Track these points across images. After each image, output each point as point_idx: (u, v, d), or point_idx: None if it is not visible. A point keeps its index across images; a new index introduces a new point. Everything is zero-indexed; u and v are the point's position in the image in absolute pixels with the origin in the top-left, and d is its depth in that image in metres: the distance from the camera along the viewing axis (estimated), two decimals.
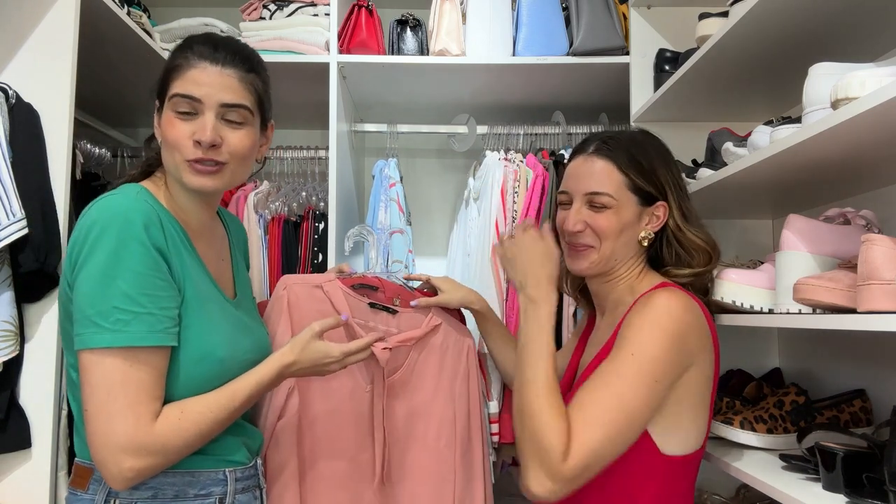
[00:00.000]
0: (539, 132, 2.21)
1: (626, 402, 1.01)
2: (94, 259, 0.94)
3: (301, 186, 2.23)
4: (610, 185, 1.19)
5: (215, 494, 1.06)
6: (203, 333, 1.03)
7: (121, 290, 0.93)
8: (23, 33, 1.40)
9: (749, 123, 1.58)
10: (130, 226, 0.96)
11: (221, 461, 1.08)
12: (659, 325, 1.05)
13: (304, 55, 1.98)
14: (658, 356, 1.04)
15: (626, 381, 1.02)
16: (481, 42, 2.02)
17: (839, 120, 0.93)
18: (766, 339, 1.89)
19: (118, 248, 0.94)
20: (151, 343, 0.94)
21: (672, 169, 1.23)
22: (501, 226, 2.01)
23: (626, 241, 1.20)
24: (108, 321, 0.92)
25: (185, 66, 1.05)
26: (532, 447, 1.01)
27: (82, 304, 0.94)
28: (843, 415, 1.41)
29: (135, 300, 0.93)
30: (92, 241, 0.95)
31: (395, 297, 1.45)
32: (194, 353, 1.01)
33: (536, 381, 1.06)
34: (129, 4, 1.79)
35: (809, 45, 1.36)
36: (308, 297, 1.37)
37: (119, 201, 0.99)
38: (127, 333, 0.92)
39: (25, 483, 1.32)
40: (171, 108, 1.04)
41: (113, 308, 0.92)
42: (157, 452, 0.94)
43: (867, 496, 0.99)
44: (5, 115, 1.31)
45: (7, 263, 1.29)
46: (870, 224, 1.21)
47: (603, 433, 1.00)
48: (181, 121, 1.04)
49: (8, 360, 1.28)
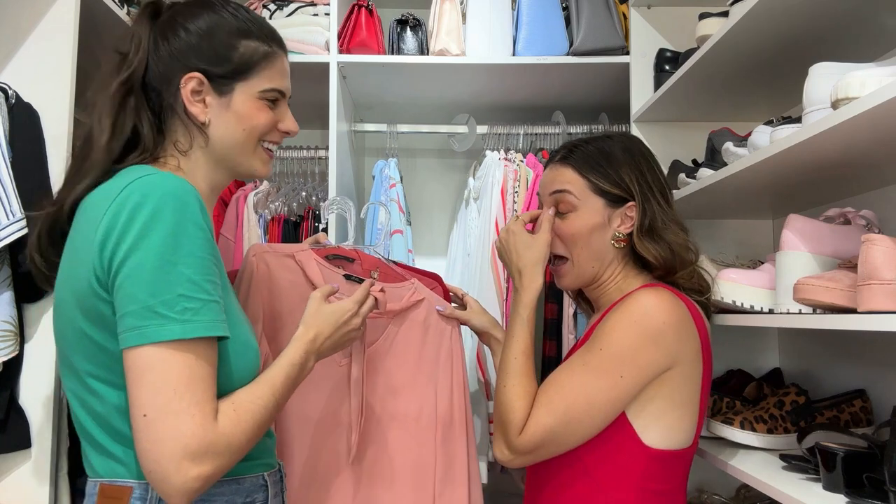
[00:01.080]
0: (539, 132, 2.21)
1: (587, 392, 1.06)
2: (148, 243, 0.82)
3: (301, 186, 2.23)
4: (571, 186, 1.21)
5: (258, 501, 1.00)
6: (240, 322, 0.97)
7: (185, 275, 0.82)
8: (23, 33, 1.40)
9: (749, 123, 1.58)
10: (186, 207, 0.85)
11: (260, 465, 1.02)
12: (633, 321, 1.07)
13: (304, 55, 1.98)
14: (626, 353, 1.06)
15: (590, 373, 1.07)
16: (481, 42, 2.02)
17: (839, 120, 0.93)
18: (766, 339, 1.89)
19: (176, 230, 0.83)
20: (219, 333, 0.86)
21: (643, 169, 1.21)
22: (501, 225, 2.01)
23: (599, 244, 1.19)
24: (175, 311, 0.81)
25: (272, 57, 1.03)
26: (497, 419, 1.13)
27: (138, 294, 0.81)
28: (843, 415, 1.41)
29: (201, 286, 0.84)
30: (143, 223, 0.82)
31: (374, 269, 1.39)
32: (240, 342, 0.94)
33: (508, 362, 1.16)
34: (129, 4, 1.79)
35: (809, 45, 1.36)
36: (280, 267, 1.31)
37: (165, 181, 0.87)
38: (197, 323, 0.82)
39: (25, 483, 1.32)
40: (261, 97, 1.02)
41: (179, 296, 0.81)
42: (222, 452, 0.84)
43: (867, 496, 0.99)
44: (5, 115, 1.31)
45: (7, 263, 1.29)
46: (870, 224, 1.21)
47: (558, 417, 1.06)
48: (269, 109, 1.03)
49: (8, 360, 1.28)
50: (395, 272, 1.42)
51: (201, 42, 0.98)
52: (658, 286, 1.14)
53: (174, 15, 1.01)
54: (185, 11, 1.01)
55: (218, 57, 0.98)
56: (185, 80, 0.97)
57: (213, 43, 0.98)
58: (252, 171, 1.05)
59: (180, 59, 0.97)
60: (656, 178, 1.22)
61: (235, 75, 0.99)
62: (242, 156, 1.03)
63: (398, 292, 1.39)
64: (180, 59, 0.97)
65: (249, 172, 1.05)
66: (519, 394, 1.11)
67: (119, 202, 0.84)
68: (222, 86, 0.99)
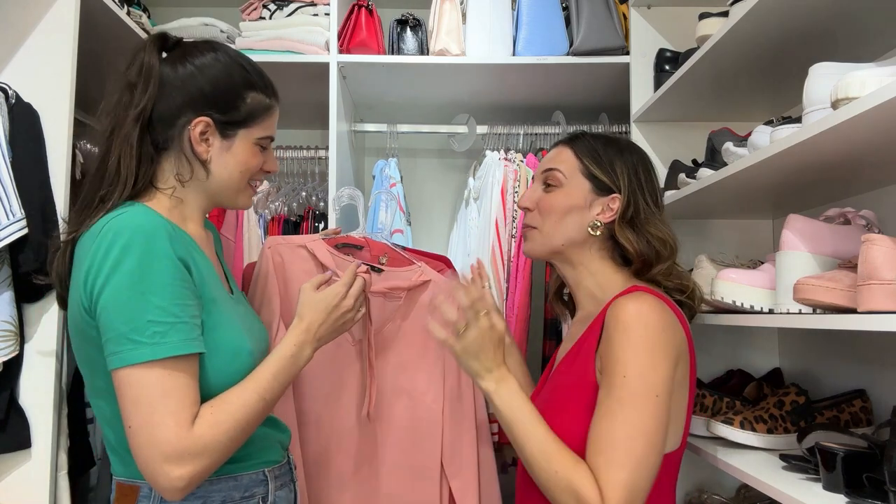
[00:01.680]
0: (539, 132, 2.21)
1: (638, 427, 1.01)
2: (119, 276, 0.93)
3: (301, 186, 2.24)
4: (563, 165, 1.22)
5: (258, 495, 1.08)
6: (231, 331, 1.05)
7: (153, 303, 0.93)
8: (23, 33, 1.40)
9: (749, 123, 1.58)
10: (153, 239, 0.96)
11: (260, 462, 1.09)
12: (638, 339, 1.05)
13: (304, 55, 1.98)
14: (648, 372, 1.03)
15: (630, 406, 1.02)
16: (481, 42, 2.02)
17: (839, 120, 0.93)
18: (766, 339, 1.89)
19: (143, 262, 0.94)
20: (188, 351, 0.95)
21: (637, 169, 1.21)
22: (501, 225, 2.01)
23: (573, 224, 1.19)
24: (145, 336, 0.92)
25: (272, 110, 1.14)
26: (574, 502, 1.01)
27: (114, 323, 0.93)
28: (843, 415, 1.41)
29: (168, 311, 0.94)
30: (114, 258, 0.93)
31: (382, 255, 1.45)
32: (228, 350, 1.03)
33: (541, 451, 1.06)
34: (129, 4, 1.79)
35: (809, 45, 1.36)
36: (292, 257, 1.41)
37: (133, 217, 0.98)
38: (165, 345, 0.93)
39: (25, 483, 1.32)
40: (257, 143, 1.12)
41: (148, 322, 0.92)
42: (200, 454, 0.93)
43: (867, 496, 0.99)
44: (5, 115, 1.31)
45: (7, 263, 1.29)
46: (870, 224, 1.21)
47: (630, 467, 1.00)
48: (261, 153, 1.14)
49: (8, 360, 1.28)
50: (403, 257, 1.48)
51: (214, 89, 1.07)
52: (640, 290, 1.13)
53: (185, 55, 1.08)
54: (196, 54, 1.08)
55: (227, 105, 1.08)
56: (196, 122, 1.05)
57: (224, 92, 1.08)
58: (237, 205, 1.16)
59: (191, 101, 1.06)
60: (649, 181, 1.22)
61: (240, 124, 1.09)
62: (234, 192, 1.13)
63: (405, 275, 1.45)
64: (191, 101, 1.06)
65: (234, 205, 1.16)
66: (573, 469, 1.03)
67: (98, 240, 0.96)
68: (227, 130, 1.08)
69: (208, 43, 1.12)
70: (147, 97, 1.04)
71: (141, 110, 1.03)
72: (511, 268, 2.01)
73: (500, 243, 2.00)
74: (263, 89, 1.12)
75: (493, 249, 1.99)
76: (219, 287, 1.09)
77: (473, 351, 1.15)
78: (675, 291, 1.19)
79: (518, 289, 1.96)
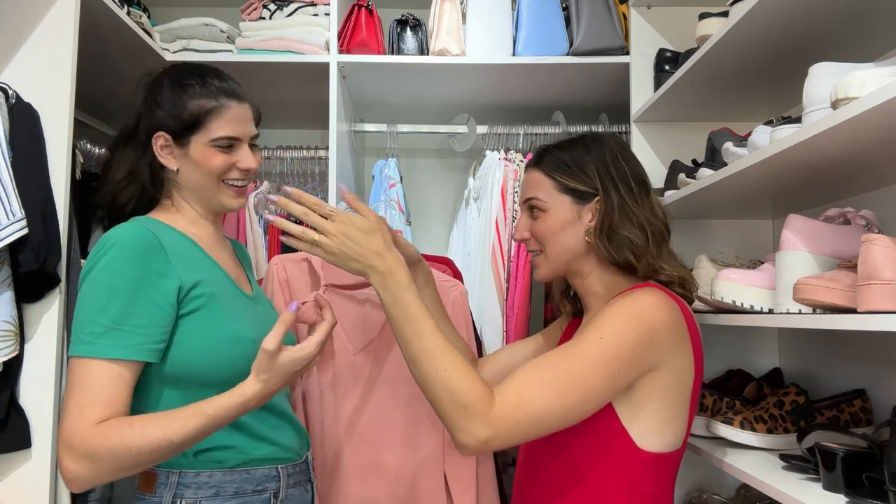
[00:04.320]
0: (539, 132, 2.21)
1: (584, 380, 1.00)
2: (89, 278, 1.05)
3: (301, 186, 2.23)
4: (541, 191, 1.22)
5: (270, 490, 1.14)
6: (232, 320, 1.13)
7: (99, 306, 1.02)
8: (23, 33, 1.40)
9: (749, 123, 1.58)
10: (122, 248, 1.05)
11: (274, 458, 1.15)
12: (631, 317, 1.05)
13: (304, 55, 1.98)
14: (623, 348, 1.03)
15: (588, 362, 1.01)
16: (481, 42, 2.02)
17: (839, 120, 0.93)
18: (766, 339, 1.89)
19: (107, 268, 1.04)
20: (114, 356, 1.01)
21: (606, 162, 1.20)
22: (501, 225, 2.01)
23: (572, 240, 1.20)
24: (83, 332, 1.02)
25: (221, 110, 1.18)
26: (453, 405, 0.98)
27: (75, 316, 1.05)
28: (843, 415, 1.42)
29: (108, 316, 1.02)
30: (90, 263, 1.06)
31: None
32: (228, 337, 1.10)
33: (429, 348, 1.02)
34: (129, 4, 1.79)
35: (809, 45, 1.36)
36: (295, 270, 1.51)
37: (123, 230, 1.09)
38: (93, 345, 1.01)
39: (25, 483, 1.32)
40: (213, 145, 1.17)
41: (89, 321, 1.02)
42: (84, 456, 0.97)
43: (867, 496, 0.99)
44: (5, 115, 1.31)
45: (7, 263, 1.28)
46: (870, 224, 1.21)
47: (552, 400, 0.98)
48: (223, 153, 1.18)
49: (8, 360, 1.28)
50: None
51: (164, 105, 1.18)
52: (651, 286, 1.13)
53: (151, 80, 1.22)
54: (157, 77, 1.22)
55: (174, 118, 1.17)
56: (155, 138, 1.17)
57: (169, 104, 1.18)
58: (223, 206, 1.21)
59: (152, 119, 1.18)
60: (621, 169, 1.19)
61: (189, 130, 1.17)
62: (209, 192, 1.20)
63: None
64: (152, 119, 1.18)
65: (221, 206, 1.22)
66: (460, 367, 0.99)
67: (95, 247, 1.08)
68: (180, 139, 1.17)
69: (170, 66, 1.24)
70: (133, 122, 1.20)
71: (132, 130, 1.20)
72: (511, 268, 2.01)
73: (500, 243, 2.00)
74: (207, 94, 1.18)
75: (494, 249, 1.99)
76: (226, 284, 1.18)
77: (341, 253, 1.06)
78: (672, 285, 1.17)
79: (518, 289, 1.97)
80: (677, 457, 1.13)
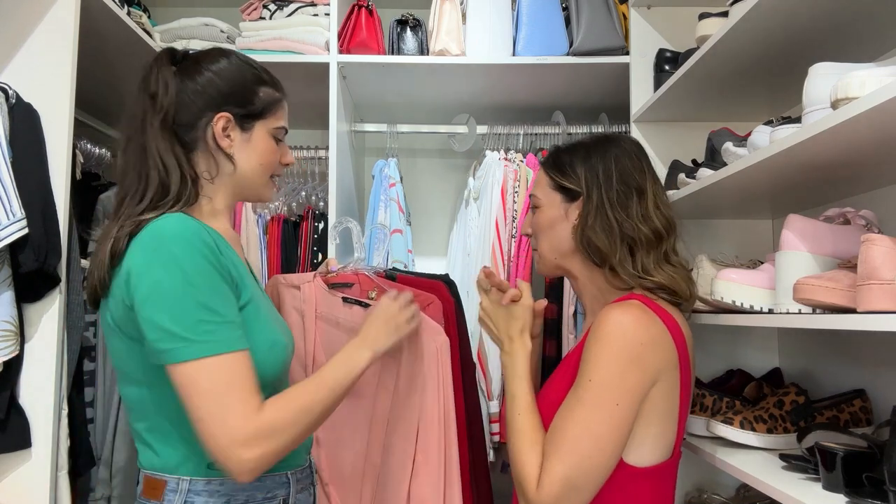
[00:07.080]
0: (539, 132, 2.22)
1: (589, 427, 1.04)
2: (160, 278, 0.99)
3: (301, 186, 2.24)
4: (539, 187, 1.28)
5: (279, 497, 1.13)
6: (268, 324, 1.13)
7: (200, 303, 0.99)
8: (23, 33, 1.40)
9: (749, 123, 1.58)
10: (189, 243, 1.01)
11: (283, 465, 1.12)
12: (614, 347, 1.06)
13: (304, 55, 1.98)
14: (614, 380, 1.05)
15: (587, 408, 1.05)
16: (481, 42, 2.02)
17: (839, 120, 0.93)
18: (766, 339, 1.89)
19: (185, 265, 0.99)
20: (240, 347, 1.01)
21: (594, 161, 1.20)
22: (501, 225, 2.01)
23: (559, 237, 1.23)
24: (197, 333, 0.97)
25: (282, 102, 1.21)
26: (516, 480, 1.10)
27: (160, 322, 0.98)
28: (843, 415, 1.41)
29: (215, 311, 1.00)
30: (153, 261, 1.00)
31: (371, 290, 1.48)
32: (266, 342, 1.09)
33: (512, 420, 1.15)
34: (129, 4, 1.79)
35: (809, 45, 1.36)
36: (286, 295, 1.51)
37: (169, 223, 1.04)
38: (219, 342, 0.99)
39: (25, 483, 1.32)
40: (273, 134, 1.19)
41: (199, 321, 0.98)
42: (269, 436, 0.99)
43: (867, 496, 0.99)
44: (5, 115, 1.31)
45: (7, 263, 1.29)
46: (870, 224, 1.21)
47: (570, 461, 1.04)
48: (276, 145, 1.20)
49: (8, 360, 1.28)
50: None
51: (230, 88, 1.15)
52: (633, 298, 1.13)
53: (199, 61, 1.16)
54: (209, 59, 1.17)
55: (243, 100, 1.16)
56: (217, 118, 1.13)
57: (239, 89, 1.16)
58: (262, 197, 1.24)
59: (211, 102, 1.13)
60: (610, 171, 1.19)
61: (257, 116, 1.17)
62: (257, 180, 1.20)
63: None
64: (211, 102, 1.13)
65: (259, 197, 1.24)
66: (526, 449, 1.09)
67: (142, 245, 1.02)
68: (245, 123, 1.16)
69: (218, 49, 1.20)
70: (168, 103, 1.11)
71: (164, 115, 1.11)
72: (511, 268, 2.01)
73: (500, 243, 2.00)
74: (273, 84, 1.21)
75: (494, 249, 2.00)
76: (254, 284, 1.16)
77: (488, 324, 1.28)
78: (659, 290, 1.16)
79: None
80: (670, 465, 1.13)
